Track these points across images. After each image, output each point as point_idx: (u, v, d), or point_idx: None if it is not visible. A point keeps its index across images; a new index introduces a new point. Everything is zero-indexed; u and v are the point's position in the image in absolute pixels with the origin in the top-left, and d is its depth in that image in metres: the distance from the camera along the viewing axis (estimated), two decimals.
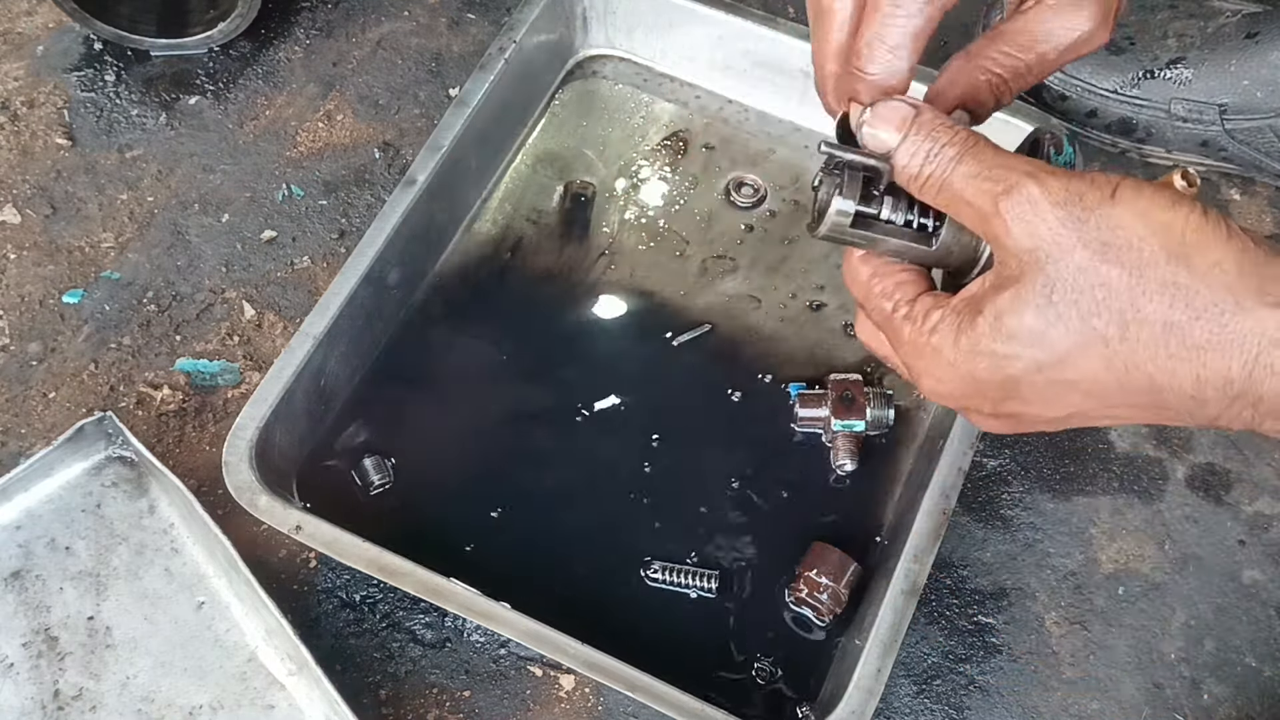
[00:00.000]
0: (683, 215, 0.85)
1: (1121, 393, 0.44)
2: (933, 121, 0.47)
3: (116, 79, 0.90)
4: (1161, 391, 0.44)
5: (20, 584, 0.69)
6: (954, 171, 0.46)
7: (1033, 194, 0.43)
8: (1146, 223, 0.43)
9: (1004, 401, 0.47)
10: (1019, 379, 0.45)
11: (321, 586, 0.72)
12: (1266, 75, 0.81)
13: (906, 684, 0.71)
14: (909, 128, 0.47)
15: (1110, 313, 0.43)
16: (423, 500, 0.74)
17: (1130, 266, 0.43)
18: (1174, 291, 0.42)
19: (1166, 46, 0.84)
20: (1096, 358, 0.44)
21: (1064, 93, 0.86)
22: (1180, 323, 0.42)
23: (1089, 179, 0.44)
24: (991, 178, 0.45)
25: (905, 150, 0.47)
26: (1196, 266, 0.42)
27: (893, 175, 0.48)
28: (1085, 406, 0.46)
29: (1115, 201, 0.43)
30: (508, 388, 0.78)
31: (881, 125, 0.47)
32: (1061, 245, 0.43)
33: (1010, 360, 0.45)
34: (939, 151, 0.46)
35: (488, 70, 0.82)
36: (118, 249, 0.83)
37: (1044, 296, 0.43)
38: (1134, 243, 0.42)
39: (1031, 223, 0.43)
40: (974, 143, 0.46)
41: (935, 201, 0.47)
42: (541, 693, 0.70)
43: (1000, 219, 0.44)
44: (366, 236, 0.75)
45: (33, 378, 0.78)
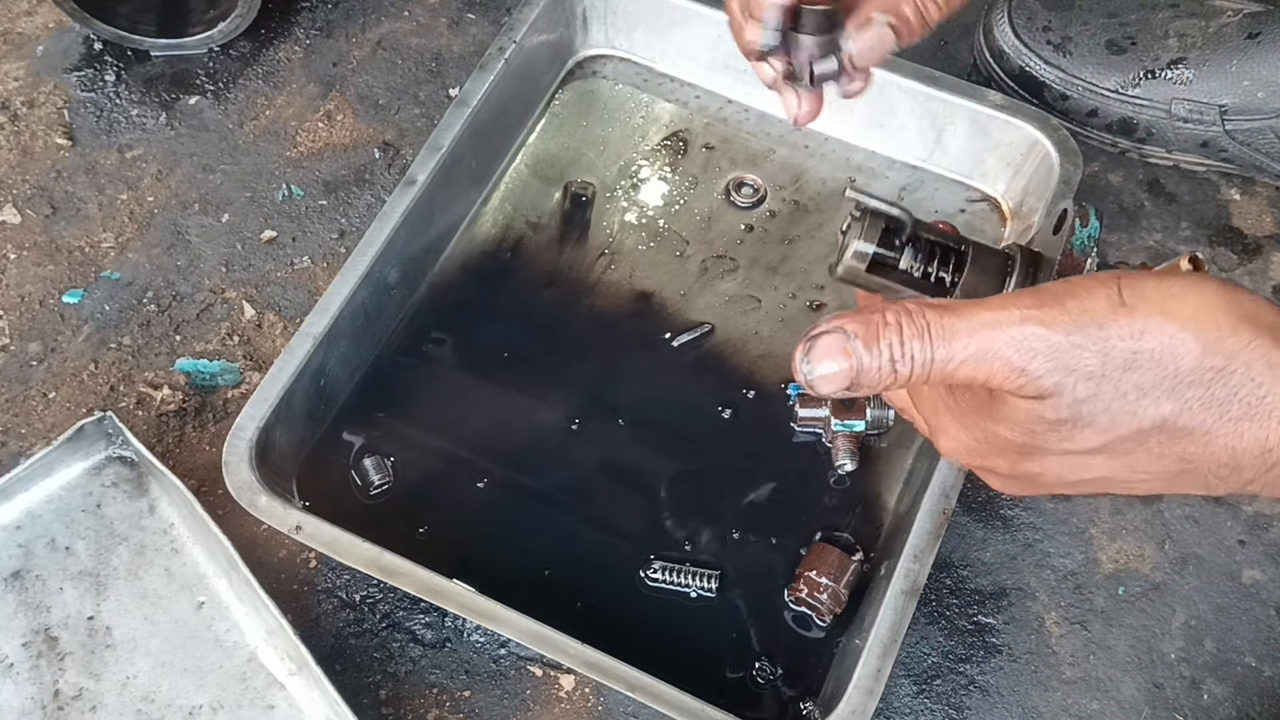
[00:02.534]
0: (682, 215, 0.85)
1: (1151, 461, 0.44)
2: (868, 329, 0.43)
3: (116, 79, 0.90)
4: (1194, 461, 0.43)
5: (20, 584, 0.69)
6: (935, 358, 0.43)
7: (1043, 338, 0.41)
8: (1171, 318, 0.41)
9: (1021, 464, 0.46)
10: (1046, 449, 0.45)
11: (321, 586, 0.72)
12: (1267, 76, 0.81)
13: (906, 684, 0.71)
14: (855, 352, 0.43)
15: (1147, 410, 0.42)
16: (423, 500, 0.74)
17: (1163, 367, 0.41)
18: (1211, 376, 0.41)
19: (1167, 46, 0.84)
20: (1130, 441, 0.43)
21: (1065, 92, 0.86)
22: (1218, 401, 0.42)
23: (1086, 289, 0.42)
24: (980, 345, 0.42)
25: (869, 371, 0.43)
26: (1232, 349, 0.41)
27: (914, 227, 0.48)
28: (1110, 473, 0.45)
29: (1129, 309, 0.41)
30: (508, 387, 0.78)
31: (826, 362, 0.44)
32: (1089, 370, 0.42)
33: (1031, 446, 0.44)
34: (903, 352, 0.43)
35: (488, 70, 0.82)
36: (118, 249, 0.83)
37: (1072, 413, 0.42)
38: (1164, 343, 0.41)
39: (1049, 362, 0.42)
40: (927, 321, 0.43)
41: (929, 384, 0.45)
42: (541, 693, 0.70)
43: (1017, 374, 0.42)
44: (366, 236, 0.75)
45: (33, 378, 0.78)
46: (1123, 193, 0.88)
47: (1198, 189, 0.88)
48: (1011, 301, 0.42)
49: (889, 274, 0.49)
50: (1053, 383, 0.42)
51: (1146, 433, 0.43)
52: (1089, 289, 0.42)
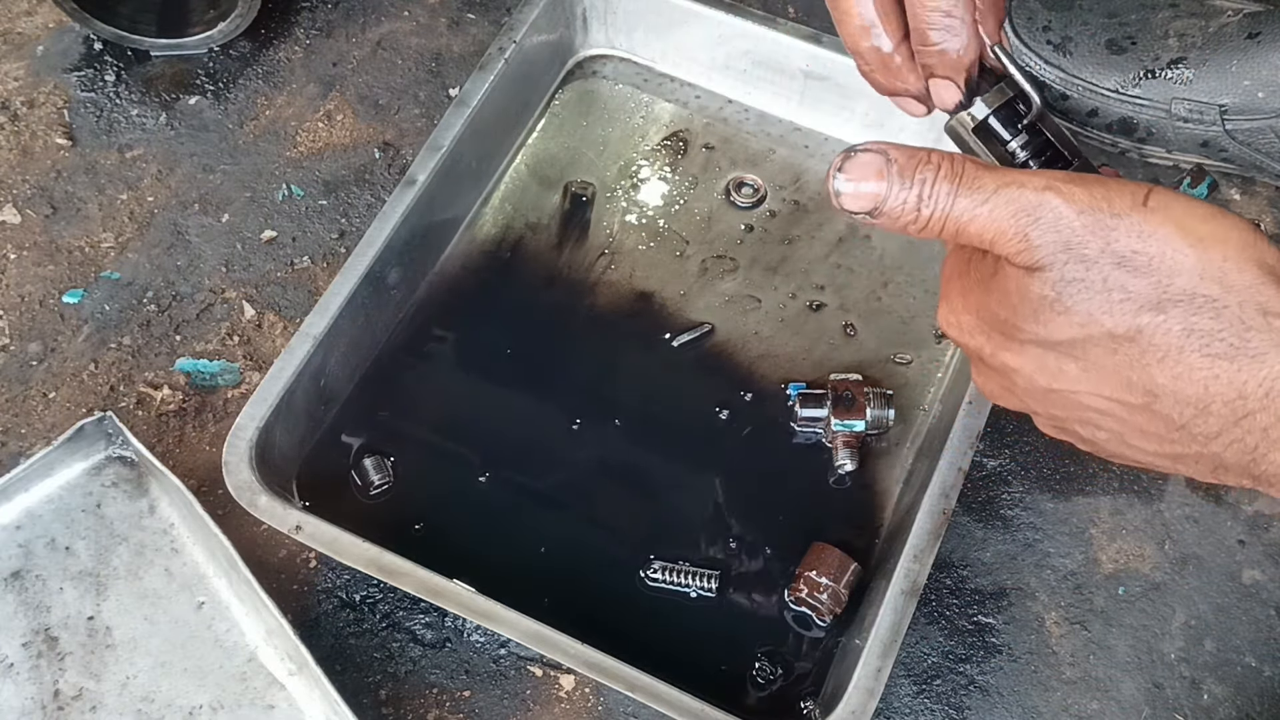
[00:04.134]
0: (682, 215, 0.85)
1: (1117, 384, 0.43)
2: (910, 160, 0.44)
3: (116, 79, 0.90)
4: (1160, 395, 0.42)
5: (20, 584, 0.69)
6: (955, 206, 0.43)
7: (1056, 207, 0.41)
8: (1183, 234, 0.40)
9: (1001, 351, 0.45)
10: (1020, 339, 0.44)
11: (321, 586, 0.72)
12: (1267, 76, 0.81)
13: (906, 684, 0.71)
14: (889, 176, 0.44)
15: (1124, 314, 0.41)
16: (423, 500, 0.74)
17: (1157, 275, 0.40)
18: (1201, 302, 0.40)
19: (1168, 46, 0.84)
20: (1101, 348, 0.42)
21: (1065, 92, 0.86)
22: (1200, 331, 0.40)
23: (1119, 184, 0.42)
24: (999, 198, 0.42)
25: (895, 199, 0.44)
26: (1232, 282, 0.40)
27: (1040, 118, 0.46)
28: (1078, 385, 0.44)
29: (1149, 209, 0.41)
30: (508, 387, 0.78)
31: (860, 179, 0.44)
32: (1085, 254, 0.41)
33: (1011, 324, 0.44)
34: (932, 191, 0.43)
35: (488, 70, 0.82)
36: (118, 249, 0.83)
37: (1055, 294, 0.42)
38: (1166, 253, 0.40)
39: (1052, 233, 0.41)
40: (964, 169, 0.43)
41: (945, 237, 0.45)
42: (541, 693, 0.70)
43: (1020, 238, 0.42)
44: (366, 236, 0.75)
45: (33, 378, 0.78)
46: None
47: None
48: (1044, 173, 0.42)
49: (993, 145, 0.47)
50: (1046, 255, 0.41)
51: (1119, 339, 0.41)
52: (1121, 184, 0.42)
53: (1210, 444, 0.42)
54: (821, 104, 0.87)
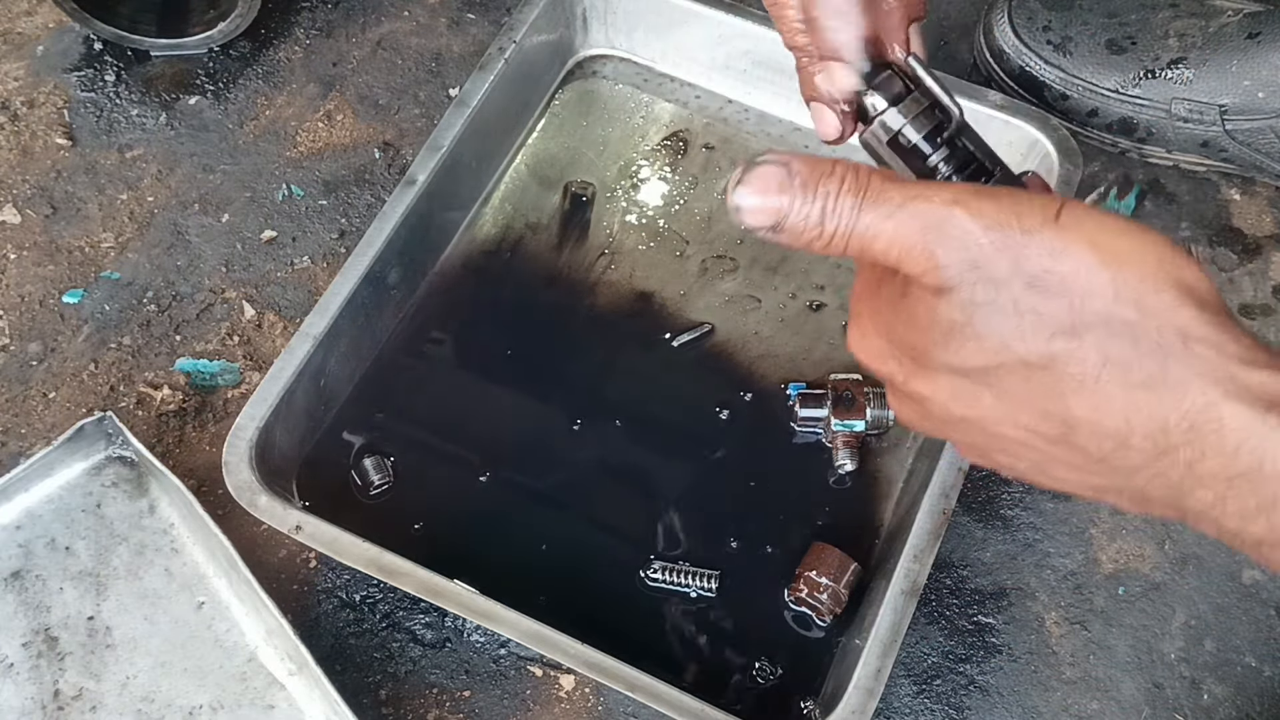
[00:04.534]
0: (682, 215, 0.85)
1: (1032, 414, 0.40)
2: (813, 172, 0.41)
3: (116, 79, 0.90)
4: (1078, 428, 0.39)
5: (20, 584, 0.69)
6: (859, 221, 0.40)
7: (962, 223, 0.38)
8: (1096, 251, 0.38)
9: (913, 379, 0.43)
10: (930, 366, 0.41)
11: (321, 586, 0.72)
12: (1267, 76, 0.81)
13: (906, 684, 0.71)
14: (791, 189, 0.41)
15: (1038, 340, 0.38)
16: (423, 500, 0.74)
17: (1070, 297, 0.38)
18: (1118, 327, 0.37)
19: (1168, 46, 0.84)
20: (1014, 377, 0.39)
21: (1065, 92, 0.86)
22: (1118, 359, 0.37)
23: (1030, 199, 0.39)
24: (904, 213, 0.39)
25: (798, 214, 0.41)
26: (1148, 305, 0.37)
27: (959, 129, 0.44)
28: (992, 413, 0.41)
29: (1060, 225, 0.38)
30: (508, 387, 0.78)
31: (761, 192, 0.41)
32: (994, 274, 0.38)
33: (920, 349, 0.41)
34: (836, 205, 0.40)
35: (488, 70, 0.82)
36: (118, 249, 0.83)
37: (963, 318, 0.39)
38: (1080, 272, 0.38)
39: (959, 251, 0.38)
40: (869, 182, 0.40)
41: (851, 254, 0.42)
42: (541, 693, 0.70)
43: (926, 255, 0.39)
44: (366, 236, 0.75)
45: (33, 378, 0.78)
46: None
47: (1198, 189, 0.88)
48: (952, 186, 0.40)
49: (912, 160, 0.45)
50: (954, 274, 0.39)
51: (1032, 367, 0.39)
52: (1031, 198, 0.39)
53: (1133, 477, 0.39)
54: None
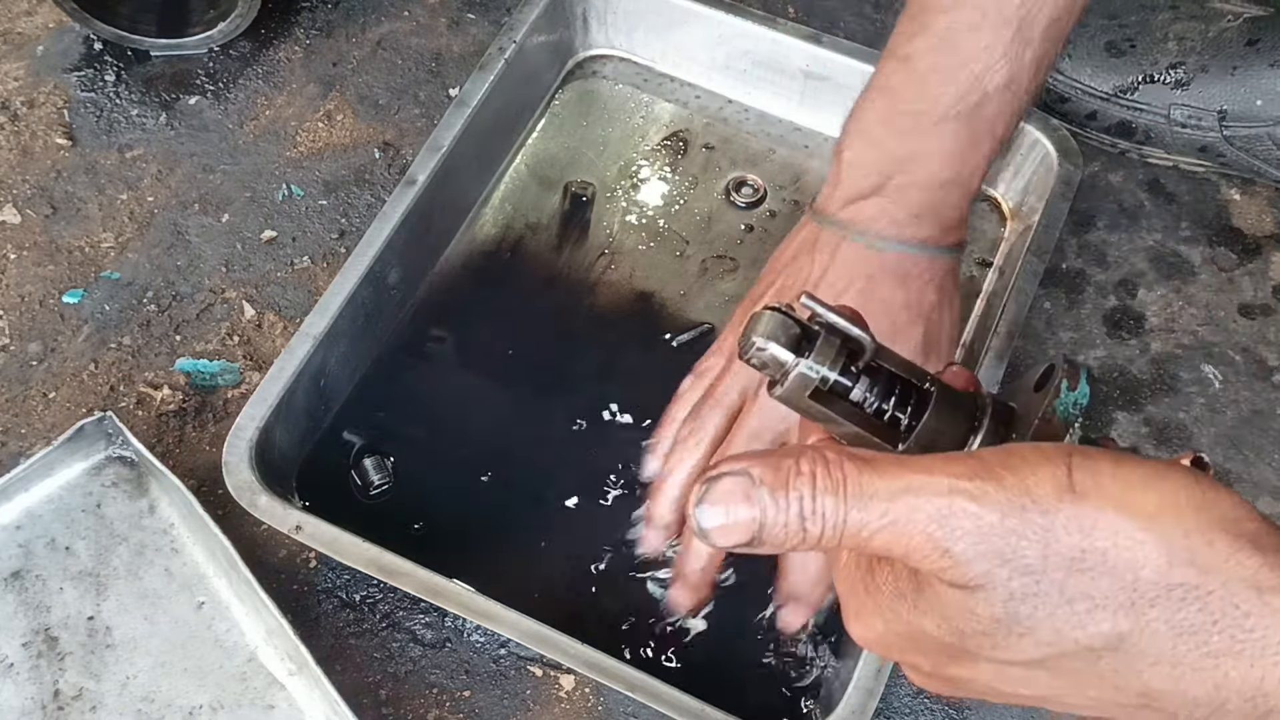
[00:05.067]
0: (682, 215, 0.85)
1: (1103, 689, 0.36)
2: (778, 474, 0.36)
3: (116, 79, 0.90)
4: (1161, 697, 0.35)
5: (20, 584, 0.69)
6: (847, 518, 0.35)
7: (973, 515, 0.34)
8: (1129, 516, 0.34)
9: (947, 666, 0.39)
10: (976, 654, 0.37)
11: (321, 586, 0.72)
12: (1266, 84, 0.81)
13: (907, 684, 0.71)
14: (758, 498, 0.36)
15: (1099, 626, 0.34)
16: (423, 500, 0.74)
17: (1119, 573, 0.34)
18: (1181, 595, 0.34)
19: (1167, 50, 0.84)
20: (1078, 660, 0.36)
21: (1064, 95, 0.87)
22: (1193, 628, 0.34)
23: (1032, 470, 0.35)
24: (907, 510, 0.35)
25: (774, 523, 0.36)
26: (1206, 562, 0.34)
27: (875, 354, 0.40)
28: (1053, 691, 0.37)
29: (1078, 496, 0.34)
30: (508, 387, 0.78)
31: (724, 508, 0.36)
32: (1027, 564, 0.34)
33: (960, 649, 0.37)
34: (815, 507, 0.36)
35: (488, 70, 0.82)
36: (118, 249, 0.83)
37: (1008, 614, 0.35)
38: (1120, 544, 0.34)
39: (979, 545, 0.34)
40: (843, 476, 0.36)
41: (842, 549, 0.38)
42: (541, 693, 0.70)
43: (940, 554, 0.35)
44: (366, 236, 0.75)
45: (33, 378, 0.78)
46: (1122, 193, 0.88)
47: (1198, 189, 0.88)
48: (941, 466, 0.35)
49: (836, 405, 0.41)
50: (981, 570, 0.34)
51: (1098, 653, 0.35)
52: (1033, 465, 0.35)
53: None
54: (822, 104, 0.87)
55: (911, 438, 0.41)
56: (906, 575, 0.37)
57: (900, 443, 0.41)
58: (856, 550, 0.38)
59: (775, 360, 0.40)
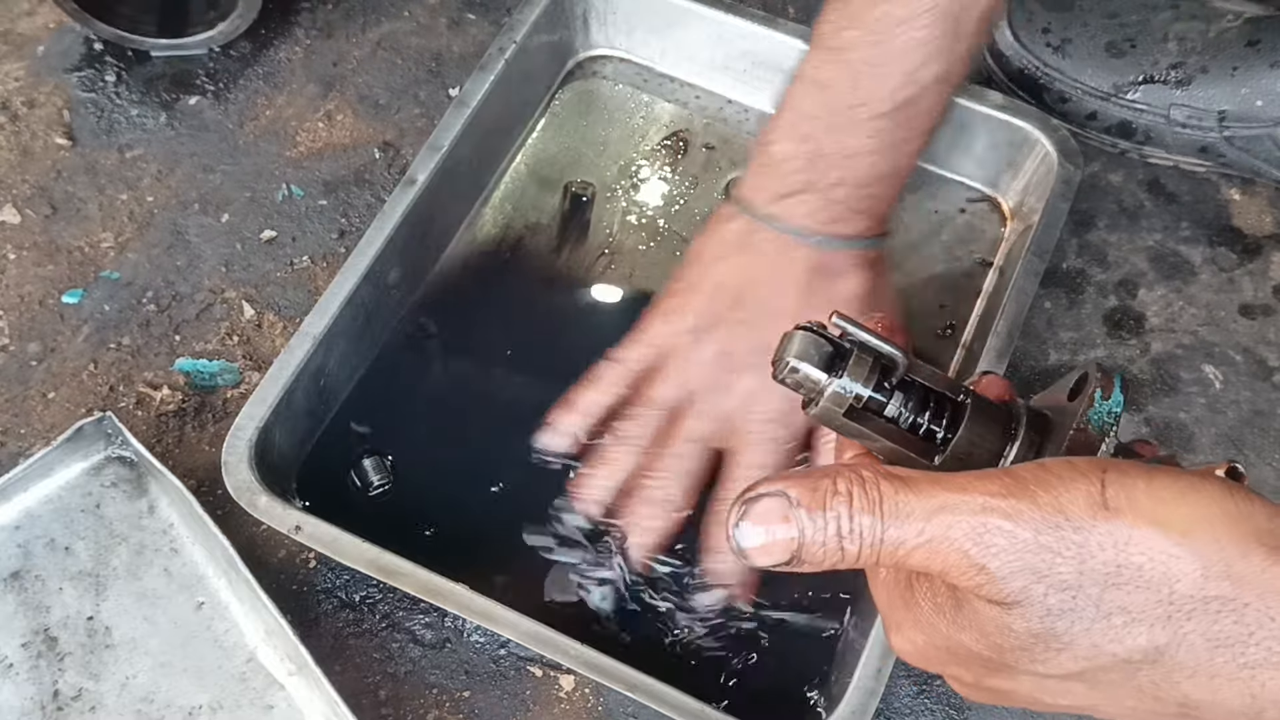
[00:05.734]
0: (683, 215, 0.85)
1: (1142, 700, 0.37)
2: (814, 494, 0.37)
3: (117, 79, 0.90)
4: (1200, 707, 0.36)
5: (19, 584, 0.69)
6: (885, 540, 0.36)
7: (1008, 532, 0.35)
8: (1163, 530, 0.34)
9: (989, 678, 0.40)
10: (1016, 668, 0.38)
11: (321, 587, 0.72)
12: (1266, 85, 0.81)
13: (907, 684, 0.70)
14: (797, 518, 0.37)
15: (1136, 639, 0.35)
16: (423, 500, 0.74)
17: (1155, 587, 0.35)
18: (1218, 608, 0.34)
19: (1167, 50, 0.84)
20: (1115, 673, 0.36)
21: (1064, 95, 0.87)
22: (1229, 640, 0.34)
23: (1065, 487, 0.35)
24: (943, 528, 0.36)
25: (814, 541, 0.37)
26: (1241, 574, 0.34)
27: (908, 369, 0.41)
28: (1092, 702, 0.38)
29: (1112, 512, 0.35)
30: (509, 387, 0.78)
31: (764, 529, 0.37)
32: (1063, 580, 0.35)
33: (999, 663, 0.38)
34: (852, 526, 0.36)
35: (488, 70, 0.82)
36: (117, 249, 0.83)
37: (1045, 630, 0.36)
38: (1155, 559, 0.34)
39: (1015, 563, 0.35)
40: (880, 495, 0.37)
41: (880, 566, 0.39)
42: (541, 693, 0.70)
43: (976, 572, 0.36)
44: (366, 236, 0.75)
45: (32, 378, 0.78)
46: (1123, 192, 0.88)
47: (1198, 189, 0.88)
48: (975, 484, 0.36)
49: (871, 421, 0.41)
50: (1019, 587, 0.35)
51: (1135, 665, 0.36)
52: (1067, 481, 0.36)
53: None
54: None
55: (948, 450, 0.41)
56: (945, 591, 0.38)
57: (937, 456, 0.42)
58: (895, 567, 0.39)
59: (809, 380, 0.41)
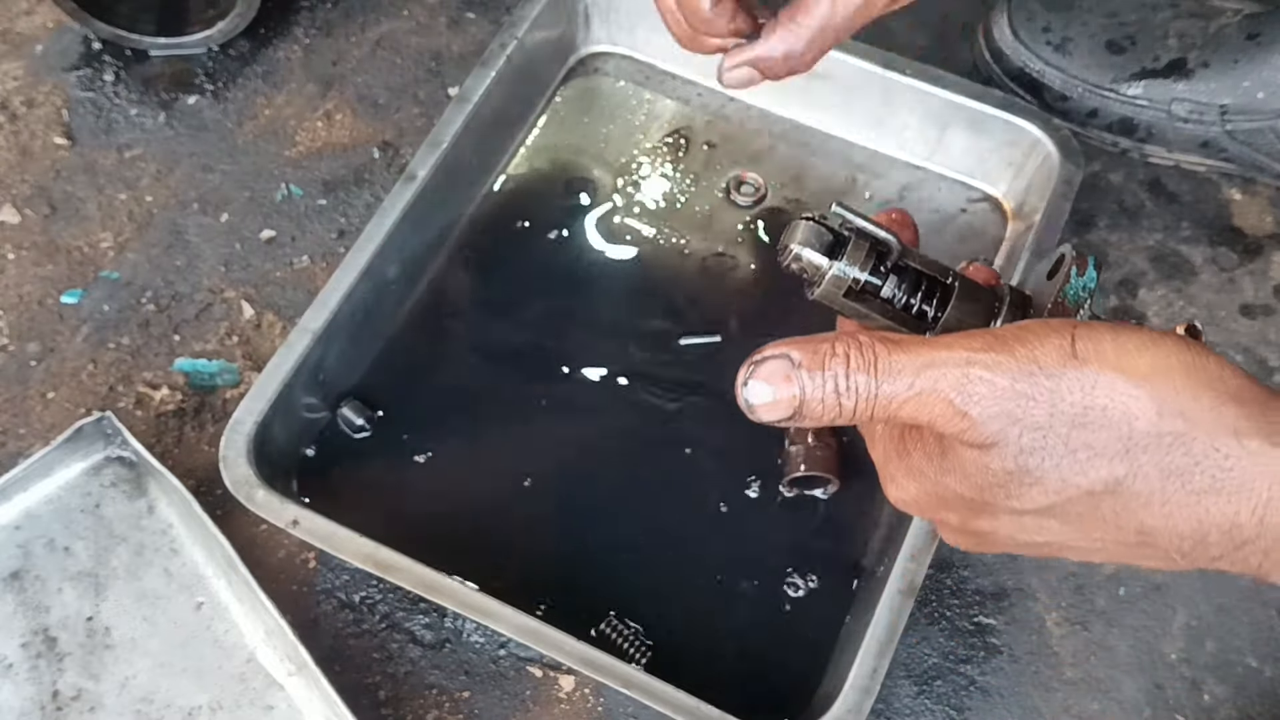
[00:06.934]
0: (683, 213, 0.85)
1: (1106, 529, 0.41)
2: (814, 355, 0.41)
3: (116, 79, 0.90)
4: (1154, 534, 0.41)
5: (19, 584, 0.69)
6: (879, 395, 0.41)
7: (987, 381, 0.39)
8: (1125, 376, 0.39)
9: (973, 520, 0.44)
10: (995, 505, 0.42)
11: (321, 587, 0.72)
12: (1267, 76, 0.81)
13: (907, 684, 0.70)
14: (798, 377, 0.41)
15: (1098, 471, 0.39)
16: (422, 498, 0.74)
17: (1116, 425, 0.39)
18: (1170, 441, 0.39)
19: (1167, 47, 0.84)
20: (1082, 505, 0.41)
21: (1065, 93, 0.86)
22: (1178, 469, 0.39)
23: (1038, 338, 0.40)
24: (924, 384, 0.40)
25: (813, 398, 0.41)
26: (1192, 413, 0.39)
27: (901, 254, 0.45)
28: (1063, 537, 0.43)
29: (1080, 361, 0.39)
30: (509, 385, 0.78)
31: (769, 386, 0.41)
32: (1035, 422, 0.39)
33: (980, 502, 0.42)
34: (849, 384, 0.41)
35: (489, 67, 0.82)
36: (117, 249, 0.83)
37: (1019, 467, 0.40)
38: (1116, 400, 0.39)
39: (993, 408, 0.39)
40: (875, 355, 0.41)
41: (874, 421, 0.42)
42: (541, 693, 0.70)
43: (960, 418, 0.40)
44: (366, 232, 0.75)
45: (32, 378, 0.78)
46: (1123, 192, 0.88)
47: (1198, 189, 0.88)
48: (960, 342, 0.40)
49: (868, 301, 0.46)
50: (996, 429, 0.39)
51: (1099, 496, 0.40)
52: (1041, 336, 0.40)
53: (1215, 563, 0.42)
54: (823, 102, 0.86)
55: (938, 328, 0.45)
56: (933, 441, 0.43)
57: (928, 333, 0.46)
58: (888, 421, 0.42)
59: (812, 264, 0.45)
